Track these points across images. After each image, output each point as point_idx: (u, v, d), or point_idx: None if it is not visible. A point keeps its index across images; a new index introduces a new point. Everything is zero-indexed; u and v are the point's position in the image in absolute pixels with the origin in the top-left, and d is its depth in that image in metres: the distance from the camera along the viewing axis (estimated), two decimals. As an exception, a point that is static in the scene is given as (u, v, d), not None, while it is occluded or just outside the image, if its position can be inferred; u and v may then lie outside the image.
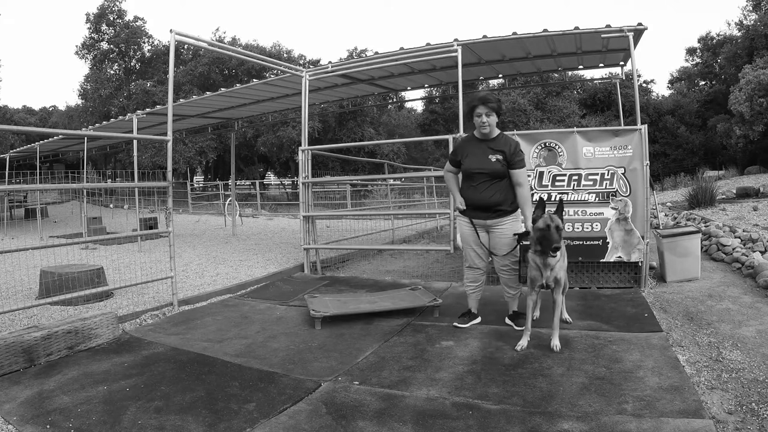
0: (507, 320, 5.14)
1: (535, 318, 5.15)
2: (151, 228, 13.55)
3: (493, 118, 4.80)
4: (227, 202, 18.08)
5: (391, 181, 18.46)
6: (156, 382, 3.93)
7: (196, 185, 38.46)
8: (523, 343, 4.55)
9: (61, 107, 43.89)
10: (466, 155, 4.95)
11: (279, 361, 4.40)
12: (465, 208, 4.99)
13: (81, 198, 17.79)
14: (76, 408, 3.48)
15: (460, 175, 5.18)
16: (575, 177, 6.53)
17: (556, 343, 4.44)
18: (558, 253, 4.38)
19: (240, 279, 7.82)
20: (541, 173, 6.61)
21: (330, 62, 9.11)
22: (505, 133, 5.10)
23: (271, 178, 45.21)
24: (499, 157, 4.80)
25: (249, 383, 3.91)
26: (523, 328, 4.64)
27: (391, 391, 3.73)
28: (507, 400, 3.49)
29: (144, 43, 37.16)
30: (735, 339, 4.47)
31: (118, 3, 35.24)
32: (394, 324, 5.35)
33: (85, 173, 16.73)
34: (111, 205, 23.72)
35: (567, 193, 6.54)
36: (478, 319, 5.26)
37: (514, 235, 4.84)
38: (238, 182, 36.48)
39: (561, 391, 3.59)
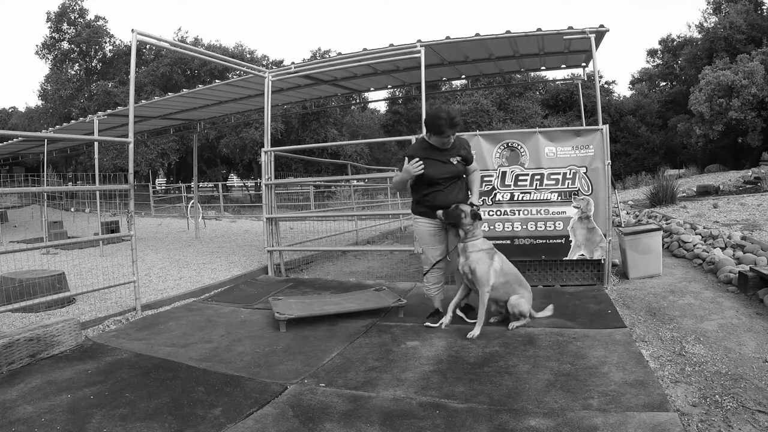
0: (458, 312, 5.27)
1: (493, 321, 5.23)
2: (113, 232, 13.32)
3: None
4: (190, 205, 17.85)
5: (355, 182, 18.41)
6: (120, 389, 3.86)
7: (158, 188, 37.97)
8: (445, 320, 5.11)
9: (21, 108, 42.75)
10: (426, 163, 4.95)
11: (244, 364, 4.36)
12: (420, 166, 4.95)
13: (41, 202, 17.37)
14: (39, 417, 3.39)
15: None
16: (538, 176, 6.60)
17: (474, 332, 4.75)
18: (475, 240, 4.87)
19: (204, 282, 7.73)
20: (504, 173, 6.66)
21: (293, 63, 9.04)
22: (466, 133, 5.19)
23: (234, 180, 44.75)
24: (459, 158, 5.00)
25: (215, 388, 3.86)
26: (475, 321, 4.88)
27: (358, 392, 3.72)
28: (473, 399, 3.51)
29: (105, 43, 36.29)
30: (697, 333, 4.57)
31: (79, 2, 34.43)
32: (359, 325, 5.35)
33: (45, 176, 16.34)
34: (72, 209, 23.33)
35: (529, 193, 6.61)
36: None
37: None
38: (201, 184, 36.04)
39: (527, 388, 3.63)
